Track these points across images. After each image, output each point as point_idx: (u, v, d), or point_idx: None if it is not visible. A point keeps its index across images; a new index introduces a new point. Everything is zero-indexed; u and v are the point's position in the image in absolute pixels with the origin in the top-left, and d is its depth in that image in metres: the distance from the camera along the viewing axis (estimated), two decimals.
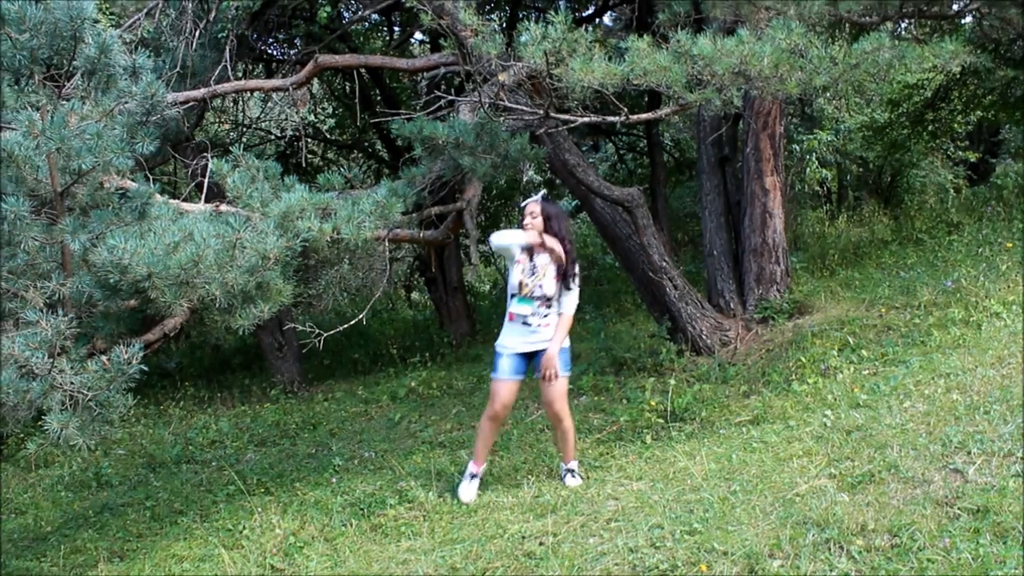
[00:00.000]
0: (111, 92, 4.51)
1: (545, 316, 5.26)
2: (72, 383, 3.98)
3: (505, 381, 5.28)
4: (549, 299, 5.26)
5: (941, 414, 4.90)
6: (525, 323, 5.25)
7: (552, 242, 5.28)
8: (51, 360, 3.92)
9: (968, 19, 8.81)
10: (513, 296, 5.29)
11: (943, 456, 4.37)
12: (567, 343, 5.34)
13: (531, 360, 5.33)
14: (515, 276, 5.26)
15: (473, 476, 5.43)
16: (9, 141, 3.92)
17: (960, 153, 15.47)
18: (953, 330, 6.46)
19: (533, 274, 5.24)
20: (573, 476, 5.41)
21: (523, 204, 5.45)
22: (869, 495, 4.14)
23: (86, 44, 4.34)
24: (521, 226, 5.37)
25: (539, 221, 5.32)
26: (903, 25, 7.54)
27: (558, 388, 5.26)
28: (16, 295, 4.01)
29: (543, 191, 5.63)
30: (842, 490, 4.28)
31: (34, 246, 4.06)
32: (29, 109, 4.08)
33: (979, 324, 6.48)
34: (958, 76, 11.73)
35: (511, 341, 5.29)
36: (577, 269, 5.33)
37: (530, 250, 5.28)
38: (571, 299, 5.31)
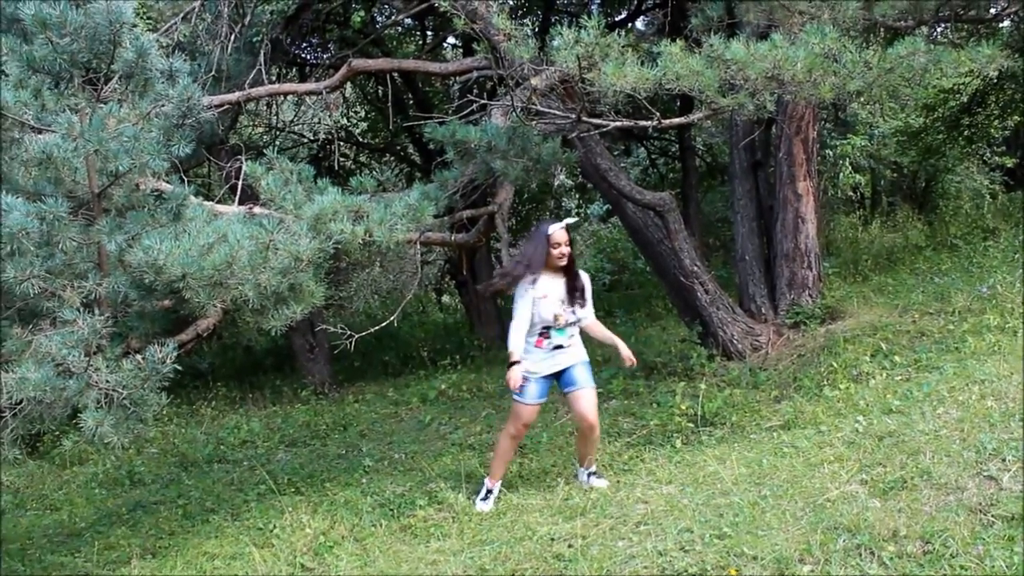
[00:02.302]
0: (148, 95, 4.56)
1: (572, 336, 5.29)
2: (107, 381, 4.04)
3: (533, 405, 5.27)
4: (577, 320, 5.28)
5: (975, 421, 4.85)
6: (558, 347, 5.24)
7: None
8: (87, 359, 3.99)
9: (1006, 23, 8.73)
10: (548, 328, 5.19)
11: (977, 463, 4.32)
12: (587, 358, 5.35)
13: (557, 378, 5.31)
14: (547, 310, 5.14)
15: (489, 492, 5.42)
16: (48, 143, 3.98)
17: (996, 158, 15.29)
18: (988, 336, 6.39)
19: (563, 303, 5.20)
20: (599, 477, 5.43)
21: (548, 231, 5.18)
22: (901, 501, 4.10)
23: (124, 48, 4.39)
24: (549, 255, 5.15)
25: (569, 250, 5.20)
26: (939, 29, 7.49)
27: (592, 403, 5.26)
28: (54, 294, 4.07)
29: (569, 219, 5.48)
30: (874, 496, 4.25)
31: (71, 246, 4.12)
32: (68, 112, 4.14)
33: (1015, 331, 6.41)
34: (995, 80, 11.61)
35: (540, 366, 5.23)
36: (586, 282, 5.35)
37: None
38: (589, 308, 5.35)
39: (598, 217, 18.60)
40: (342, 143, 14.05)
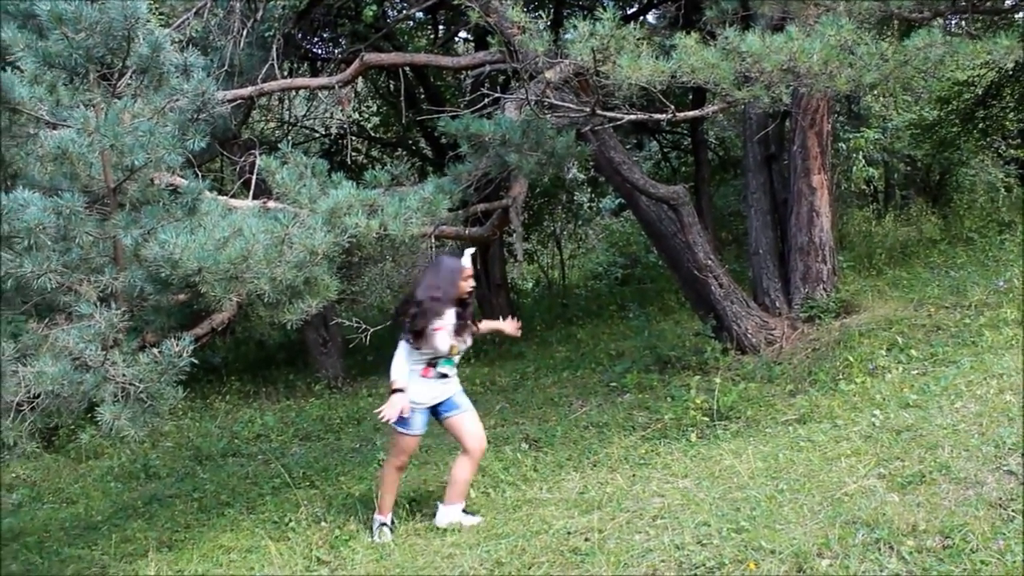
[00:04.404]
0: (163, 90, 4.56)
1: (455, 366, 5.22)
2: (124, 375, 4.04)
3: (417, 436, 5.13)
4: (467, 347, 5.26)
5: (994, 415, 4.82)
6: (443, 376, 5.12)
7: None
8: (104, 353, 3.99)
9: (1021, 14, 8.66)
10: (437, 358, 5.07)
11: (996, 457, 4.30)
12: (461, 387, 5.31)
13: (435, 409, 5.16)
14: (443, 341, 5.01)
15: (383, 524, 5.22)
16: (64, 138, 3.99)
17: (1012, 151, 15.20)
18: (1005, 330, 6.35)
19: (458, 335, 5.11)
20: (473, 514, 5.25)
21: (461, 265, 5.22)
22: (920, 495, 4.08)
23: (139, 43, 4.39)
24: (460, 288, 5.17)
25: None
26: (955, 20, 7.44)
27: (480, 423, 5.23)
28: (70, 289, 4.08)
29: (470, 251, 5.34)
30: (892, 490, 4.23)
31: (88, 241, 4.12)
32: (83, 107, 4.15)
33: None
34: (1011, 72, 11.54)
35: (425, 396, 5.07)
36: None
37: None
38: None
39: (610, 211, 18.58)
40: (354, 137, 14.06)
